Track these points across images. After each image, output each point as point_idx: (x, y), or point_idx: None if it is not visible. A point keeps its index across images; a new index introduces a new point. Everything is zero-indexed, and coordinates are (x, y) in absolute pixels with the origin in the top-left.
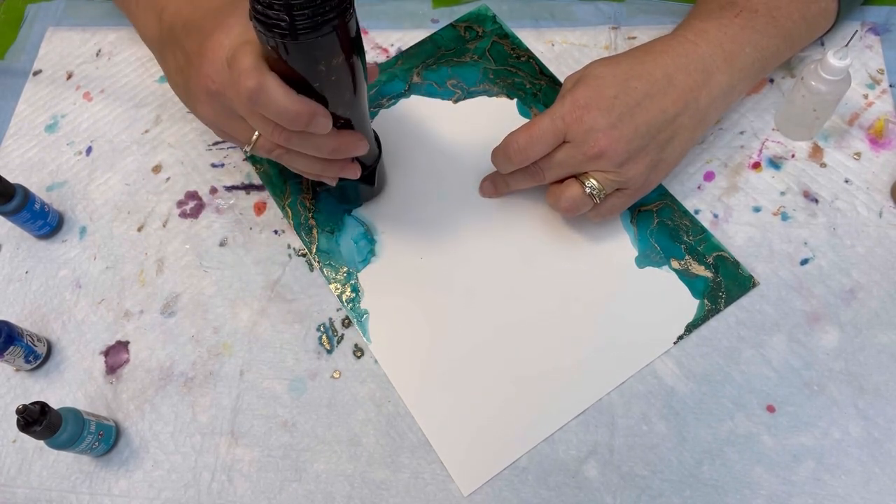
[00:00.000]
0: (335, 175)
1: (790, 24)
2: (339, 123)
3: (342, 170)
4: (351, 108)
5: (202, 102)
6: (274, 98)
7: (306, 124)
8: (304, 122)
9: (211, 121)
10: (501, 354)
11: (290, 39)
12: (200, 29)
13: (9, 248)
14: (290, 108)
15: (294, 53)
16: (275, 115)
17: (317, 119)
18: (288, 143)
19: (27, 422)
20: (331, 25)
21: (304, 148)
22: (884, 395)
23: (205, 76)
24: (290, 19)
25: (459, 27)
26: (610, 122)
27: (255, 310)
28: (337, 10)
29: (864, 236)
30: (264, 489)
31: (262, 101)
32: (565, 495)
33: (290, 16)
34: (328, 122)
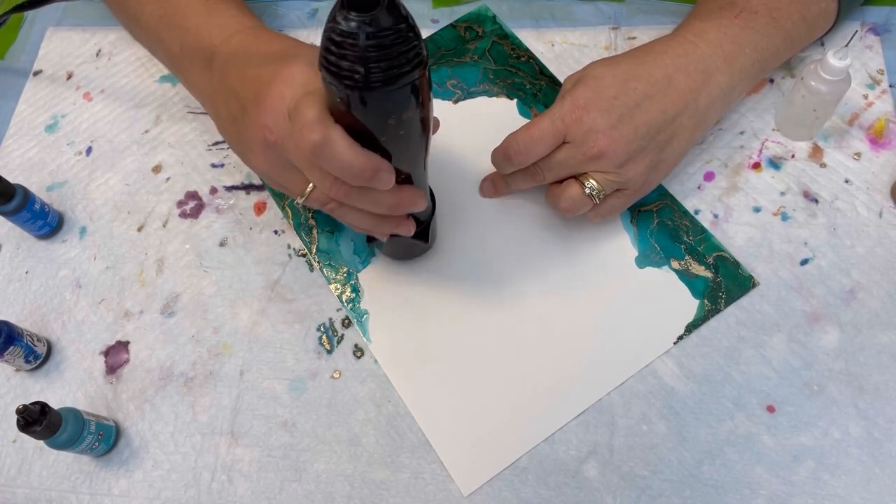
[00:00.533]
0: (388, 231)
1: (790, 24)
2: (400, 178)
3: (397, 226)
4: (414, 163)
5: (256, 153)
6: (339, 152)
7: (369, 180)
8: (367, 177)
9: (264, 171)
10: (501, 354)
11: (363, 91)
12: (258, 77)
13: (9, 248)
14: (355, 163)
15: (365, 106)
16: (338, 169)
17: (380, 175)
18: (346, 198)
19: (27, 422)
20: (406, 79)
21: (363, 203)
22: (884, 395)
23: (262, 126)
24: (364, 71)
25: (459, 27)
26: (610, 122)
27: (255, 310)
28: (412, 64)
29: (864, 236)
30: (264, 489)
31: (326, 154)
32: (565, 495)
33: (365, 67)
34: (392, 177)
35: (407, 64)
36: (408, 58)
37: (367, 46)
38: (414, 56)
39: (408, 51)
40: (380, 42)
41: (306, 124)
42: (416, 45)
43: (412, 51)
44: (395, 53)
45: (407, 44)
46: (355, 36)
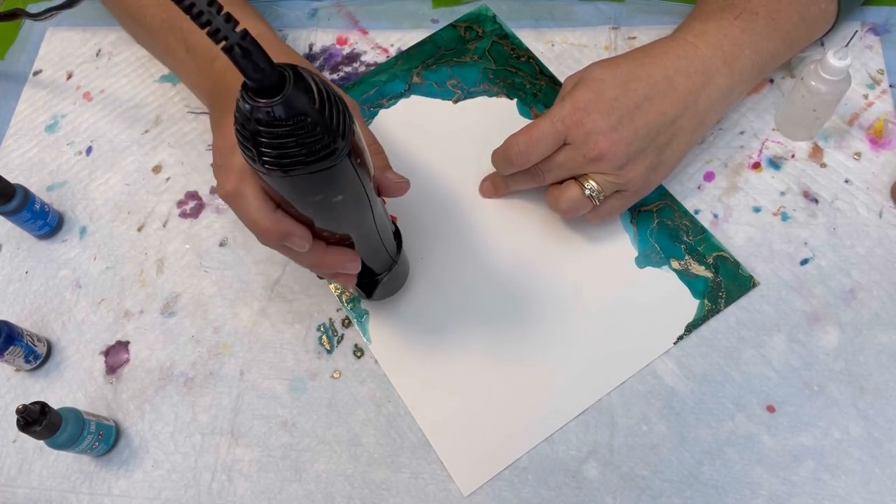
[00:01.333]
0: (327, 276)
1: (790, 25)
2: (332, 240)
3: (334, 277)
4: (344, 230)
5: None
6: (245, 209)
7: (278, 242)
8: (274, 239)
9: None
10: (501, 354)
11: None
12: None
13: (9, 248)
14: (260, 224)
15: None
16: (246, 224)
17: (290, 239)
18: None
19: (27, 422)
20: (301, 170)
21: (285, 254)
22: (884, 395)
23: (216, 149)
24: (256, 154)
25: (459, 27)
26: (610, 124)
27: (255, 310)
28: (316, 156)
29: (864, 236)
30: (264, 489)
31: (236, 206)
32: (565, 495)
33: (256, 149)
34: (304, 242)
35: (310, 156)
36: (310, 150)
37: (258, 131)
38: (320, 149)
39: (311, 143)
40: (273, 131)
41: (227, 170)
42: (324, 137)
43: (317, 143)
44: (289, 144)
45: (310, 136)
46: (248, 119)
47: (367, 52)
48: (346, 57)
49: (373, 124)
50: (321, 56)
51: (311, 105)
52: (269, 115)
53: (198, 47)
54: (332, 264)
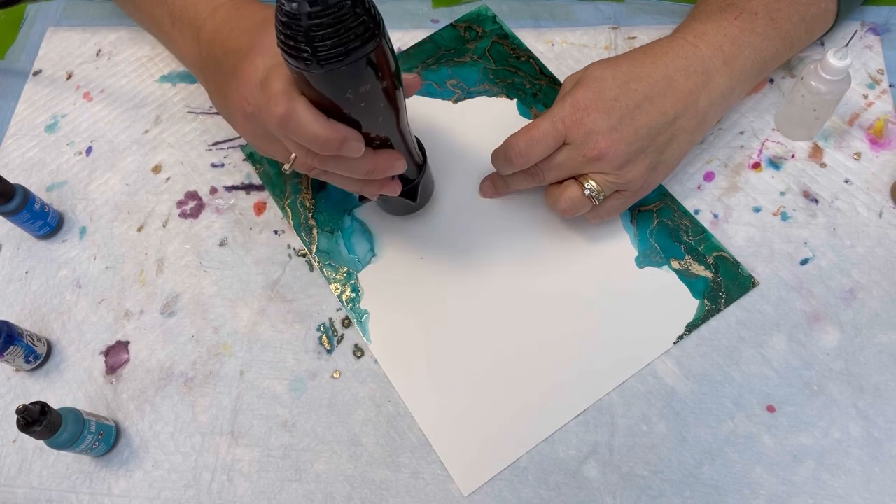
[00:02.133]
0: (374, 192)
1: (790, 25)
2: (376, 144)
3: (381, 187)
4: (387, 129)
5: (239, 123)
6: (303, 124)
7: (337, 149)
8: (334, 147)
9: (249, 140)
10: (501, 354)
11: (313, 69)
12: (237, 50)
13: (9, 248)
14: (320, 135)
15: (319, 81)
16: (304, 140)
17: (348, 144)
18: (323, 166)
19: (27, 422)
20: (355, 55)
21: (340, 170)
22: (884, 395)
23: (241, 98)
24: (311, 50)
25: (459, 27)
26: (610, 124)
27: (255, 310)
28: (363, 39)
29: (864, 236)
30: (264, 489)
31: (291, 126)
32: (565, 495)
33: (311, 46)
34: (360, 146)
35: (356, 39)
36: (356, 33)
37: (311, 26)
38: (364, 31)
39: (356, 26)
40: (322, 21)
41: (272, 97)
42: (364, 19)
43: (360, 26)
44: (340, 30)
45: (354, 19)
46: (298, 16)
47: None
48: None
49: None
50: None
51: None
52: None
53: (183, 18)
54: (384, 166)
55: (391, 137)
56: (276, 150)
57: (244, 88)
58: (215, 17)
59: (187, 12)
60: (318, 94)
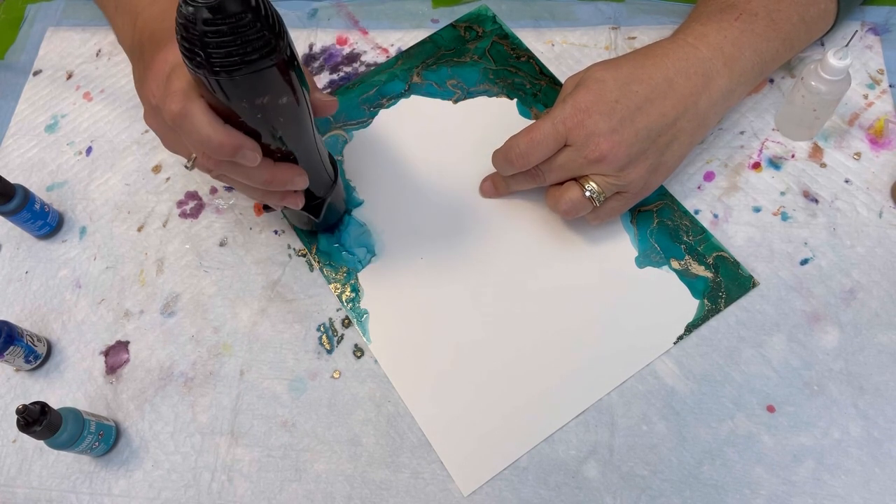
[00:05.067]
0: (275, 203)
1: (789, 26)
2: (277, 156)
3: (282, 199)
4: (288, 144)
5: (147, 114)
6: (196, 126)
7: (230, 156)
8: (227, 153)
9: (156, 132)
10: (501, 354)
11: (206, 75)
12: (158, 41)
13: (9, 248)
14: (213, 139)
15: (214, 88)
16: (197, 143)
17: (242, 152)
18: (219, 170)
19: (27, 422)
20: (250, 67)
21: (236, 176)
22: (884, 395)
23: (148, 89)
24: (204, 55)
25: (459, 27)
26: (611, 126)
27: (255, 310)
28: (260, 52)
29: (864, 236)
30: (264, 489)
31: (185, 127)
32: (565, 495)
33: (204, 52)
34: (255, 155)
35: (252, 52)
36: (254, 46)
37: (206, 32)
38: (262, 45)
39: (254, 39)
40: (218, 29)
41: (170, 94)
42: (264, 34)
43: (258, 39)
44: (237, 41)
45: (252, 32)
46: (194, 21)
47: (367, 52)
48: (346, 57)
49: (373, 124)
50: (321, 56)
51: (249, 4)
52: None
53: (125, 4)
54: (283, 179)
55: (295, 152)
56: (179, 147)
57: (152, 81)
58: (152, 7)
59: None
60: (215, 98)
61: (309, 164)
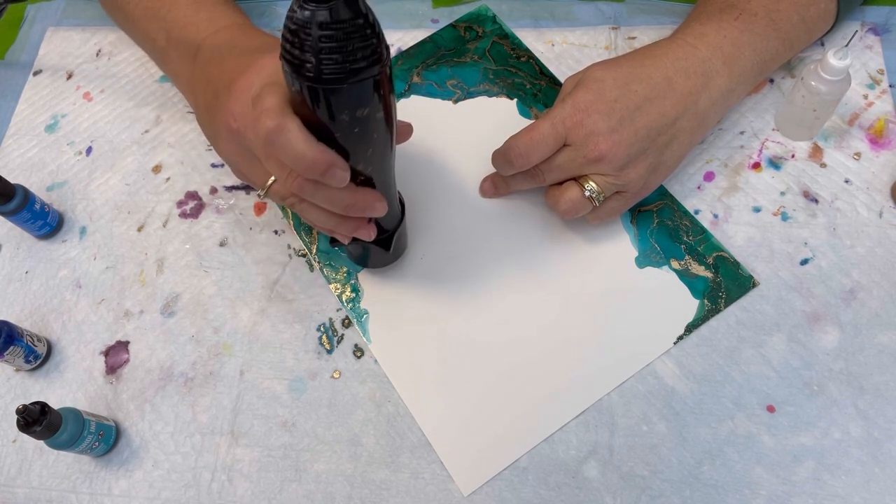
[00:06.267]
0: (348, 233)
1: (789, 26)
2: (360, 180)
3: (356, 229)
4: (374, 166)
5: (223, 139)
6: (292, 142)
7: (322, 174)
8: (319, 170)
9: (230, 160)
10: (501, 354)
11: (315, 83)
12: (234, 68)
13: (9, 248)
14: (307, 155)
15: (318, 99)
16: (291, 159)
17: (333, 170)
18: (301, 192)
19: (27, 422)
20: (360, 75)
21: (318, 199)
22: (884, 395)
23: (228, 113)
24: (315, 62)
25: (459, 27)
26: (610, 125)
27: (255, 310)
28: (368, 60)
29: (864, 236)
30: (264, 489)
31: (279, 143)
32: (565, 495)
33: (316, 58)
34: (346, 175)
35: (362, 60)
36: (363, 54)
37: (320, 37)
38: (371, 53)
39: (364, 47)
40: (333, 34)
41: (264, 111)
42: (374, 42)
43: (368, 48)
44: (348, 48)
45: (363, 40)
46: (308, 26)
47: None
48: None
49: None
50: None
51: (361, 8)
52: (331, 16)
53: (181, 37)
54: (363, 204)
55: (375, 177)
56: (254, 173)
57: (234, 104)
58: (216, 37)
59: (186, 30)
60: (312, 114)
61: (386, 191)
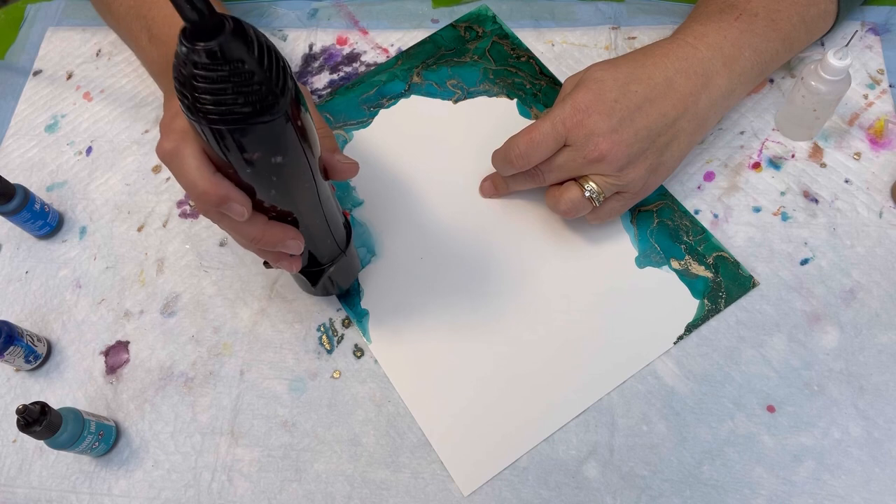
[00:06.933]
0: (271, 261)
1: (789, 26)
2: (272, 215)
3: (277, 259)
4: (286, 205)
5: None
6: (185, 169)
7: (216, 206)
8: (212, 203)
9: None
10: (502, 354)
11: (192, 118)
12: None
13: (9, 248)
14: (198, 185)
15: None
16: (184, 187)
17: (229, 204)
18: (207, 216)
19: (27, 422)
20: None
21: (224, 227)
22: (884, 395)
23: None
24: (191, 97)
25: (459, 27)
26: (610, 126)
27: (255, 310)
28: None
29: (864, 236)
30: (264, 489)
31: (174, 167)
32: (565, 495)
33: (192, 94)
34: (243, 210)
35: (245, 105)
36: (248, 100)
37: (195, 75)
38: (257, 100)
39: (248, 92)
40: (208, 75)
41: (167, 131)
42: (262, 88)
43: (255, 94)
44: (227, 90)
45: (247, 85)
46: (185, 62)
47: (367, 52)
48: (346, 57)
49: (373, 124)
50: (321, 56)
51: (250, 54)
52: (205, 56)
53: (160, 36)
54: (273, 240)
55: (294, 212)
56: None
57: (165, 113)
58: None
59: (165, 30)
60: (207, 145)
61: (310, 227)
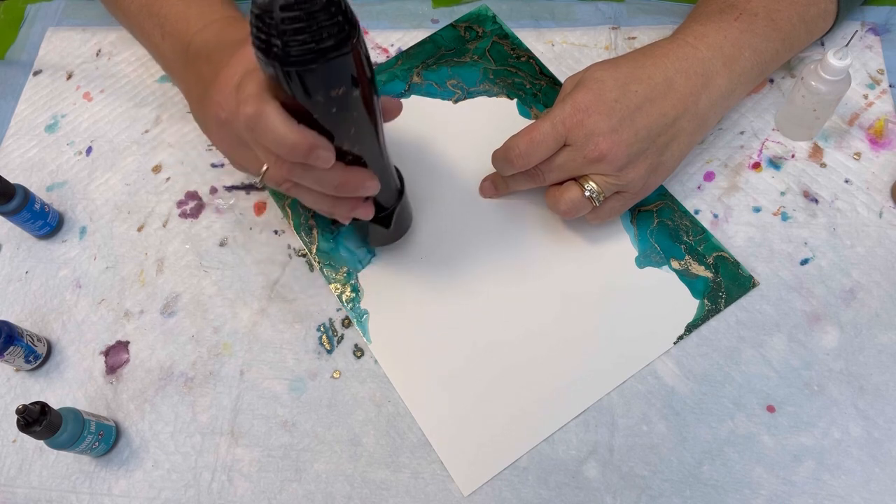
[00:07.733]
0: (346, 213)
1: (789, 26)
2: (348, 159)
3: (353, 209)
4: (360, 144)
5: (214, 131)
6: (271, 126)
7: (305, 156)
8: (301, 153)
9: (224, 151)
10: (502, 354)
11: (284, 66)
12: (219, 60)
13: (9, 248)
14: (287, 138)
15: (290, 81)
16: (272, 144)
17: (316, 152)
18: (291, 175)
19: (27, 422)
20: (327, 55)
21: (308, 182)
22: (884, 395)
23: (216, 104)
24: (281, 44)
25: (459, 27)
26: (611, 126)
27: (255, 310)
28: (336, 38)
29: (864, 236)
30: (264, 489)
31: (260, 128)
32: (565, 495)
33: (282, 41)
34: (330, 155)
35: (329, 38)
36: (329, 32)
37: (283, 19)
38: (337, 31)
39: (329, 25)
40: (294, 15)
41: (243, 98)
42: (339, 20)
43: (334, 26)
44: (313, 27)
45: (328, 18)
46: (271, 8)
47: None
48: None
49: None
50: None
51: None
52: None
53: (173, 32)
54: (355, 183)
55: (365, 155)
56: (249, 161)
57: (219, 94)
58: (205, 32)
59: (178, 26)
60: (289, 97)
61: (379, 169)
